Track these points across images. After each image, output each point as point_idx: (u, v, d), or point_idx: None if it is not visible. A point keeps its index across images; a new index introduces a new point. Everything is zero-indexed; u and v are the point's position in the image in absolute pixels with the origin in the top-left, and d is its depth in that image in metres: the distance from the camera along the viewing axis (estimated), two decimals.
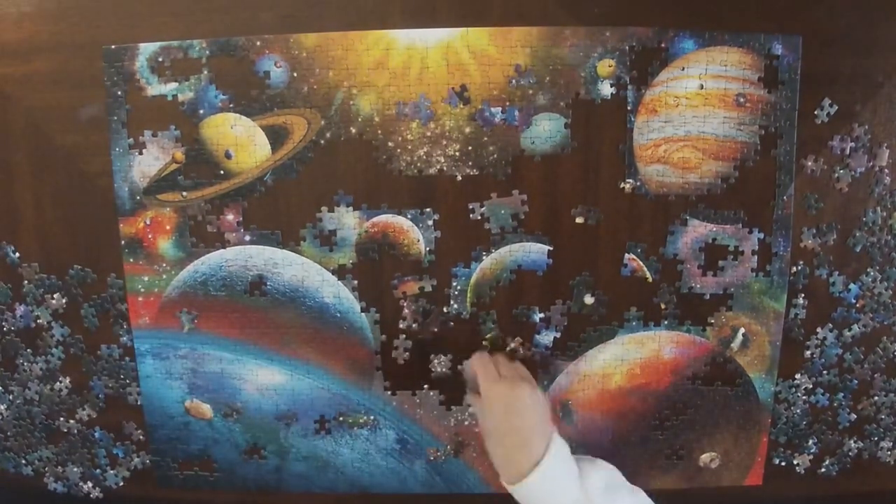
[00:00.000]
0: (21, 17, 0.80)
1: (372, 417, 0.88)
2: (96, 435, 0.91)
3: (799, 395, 0.89)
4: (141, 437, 0.91)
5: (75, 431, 0.91)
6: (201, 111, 0.81)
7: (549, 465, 0.67)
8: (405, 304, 0.85)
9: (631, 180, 0.82)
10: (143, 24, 0.80)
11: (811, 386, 0.89)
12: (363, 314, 0.85)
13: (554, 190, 0.82)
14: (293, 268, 0.84)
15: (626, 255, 0.84)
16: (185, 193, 0.83)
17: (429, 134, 0.81)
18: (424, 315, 0.85)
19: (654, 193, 0.82)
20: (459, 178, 0.82)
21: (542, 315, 0.85)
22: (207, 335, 0.86)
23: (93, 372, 0.89)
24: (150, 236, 0.84)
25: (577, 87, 0.80)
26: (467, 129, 0.81)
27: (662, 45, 0.79)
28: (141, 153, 0.82)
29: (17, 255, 0.86)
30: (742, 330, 0.86)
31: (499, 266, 0.84)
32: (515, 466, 0.68)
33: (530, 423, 0.70)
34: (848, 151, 0.82)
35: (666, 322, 0.86)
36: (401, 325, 0.85)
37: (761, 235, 0.84)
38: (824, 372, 0.88)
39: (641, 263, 0.84)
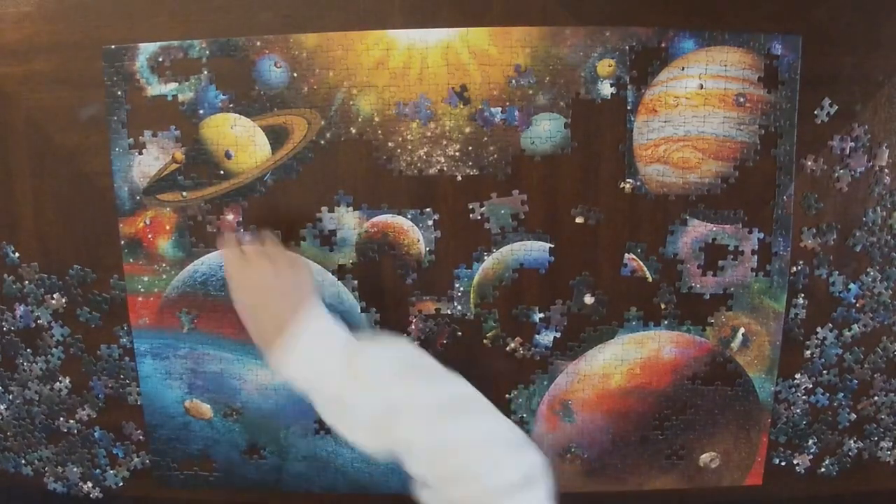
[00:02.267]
0: (21, 17, 0.80)
1: None
2: (96, 435, 0.91)
3: (799, 394, 0.89)
4: (141, 437, 0.90)
5: (75, 431, 0.91)
6: (201, 111, 0.81)
7: (292, 340, 0.67)
8: (414, 321, 0.85)
9: (631, 180, 0.82)
10: (143, 24, 0.80)
11: (811, 386, 0.89)
12: (363, 314, 0.85)
13: (554, 190, 0.82)
14: None
15: (626, 255, 0.84)
16: (184, 193, 0.83)
17: (429, 134, 0.81)
18: (432, 333, 0.85)
19: (654, 193, 0.82)
20: (459, 178, 0.82)
21: (541, 315, 0.85)
22: (207, 335, 0.86)
23: (93, 372, 0.89)
24: (149, 236, 0.84)
25: (577, 87, 0.80)
26: (467, 129, 0.81)
27: (662, 45, 0.79)
28: (141, 153, 0.82)
29: (17, 255, 0.86)
30: (742, 330, 0.86)
31: (501, 265, 0.84)
32: (262, 340, 0.71)
33: (264, 300, 0.71)
34: (848, 151, 0.82)
35: (666, 322, 0.86)
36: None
37: (761, 235, 0.84)
38: (824, 372, 0.88)
39: (641, 263, 0.84)
